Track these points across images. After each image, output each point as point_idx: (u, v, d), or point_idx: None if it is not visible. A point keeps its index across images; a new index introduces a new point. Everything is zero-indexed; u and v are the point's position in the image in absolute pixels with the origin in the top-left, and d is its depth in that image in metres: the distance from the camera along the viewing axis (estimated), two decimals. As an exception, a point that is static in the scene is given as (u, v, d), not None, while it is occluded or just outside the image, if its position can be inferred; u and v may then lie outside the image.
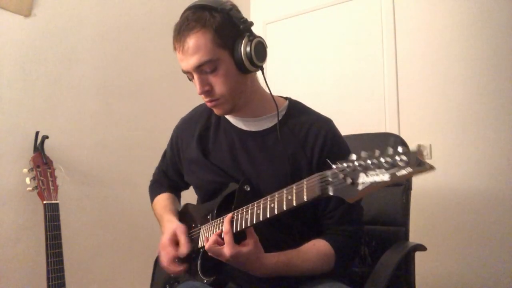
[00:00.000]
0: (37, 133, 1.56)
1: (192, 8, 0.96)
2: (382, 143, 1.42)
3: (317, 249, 0.97)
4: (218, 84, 0.96)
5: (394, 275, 1.00)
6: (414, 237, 1.32)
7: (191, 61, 0.94)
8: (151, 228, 1.27)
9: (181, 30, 0.94)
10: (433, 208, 1.92)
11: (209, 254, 0.90)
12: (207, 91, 0.97)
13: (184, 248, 0.99)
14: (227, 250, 0.86)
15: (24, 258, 1.52)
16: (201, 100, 1.27)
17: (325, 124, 1.05)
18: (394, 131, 2.05)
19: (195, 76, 0.96)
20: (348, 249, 1.00)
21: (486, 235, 1.81)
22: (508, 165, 1.79)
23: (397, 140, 1.36)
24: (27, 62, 1.59)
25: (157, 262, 1.23)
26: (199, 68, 0.94)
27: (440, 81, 1.98)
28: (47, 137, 1.56)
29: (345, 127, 1.17)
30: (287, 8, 2.52)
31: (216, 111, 1.04)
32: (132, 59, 2.01)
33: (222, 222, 0.95)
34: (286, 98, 1.12)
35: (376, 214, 1.30)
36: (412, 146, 0.63)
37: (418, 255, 1.26)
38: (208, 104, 1.02)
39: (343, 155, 0.88)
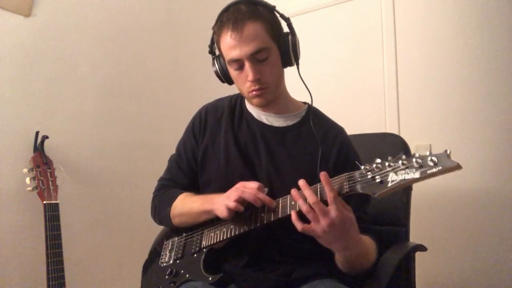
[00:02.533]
0: (37, 133, 1.56)
1: (242, 2, 1.00)
2: (382, 143, 1.43)
3: (368, 238, 0.98)
4: (268, 73, 1.00)
5: (394, 275, 1.00)
6: (414, 237, 1.32)
7: (247, 48, 0.96)
8: (151, 228, 1.27)
9: (239, 19, 0.97)
10: (434, 208, 1.92)
11: (310, 212, 0.80)
12: (258, 79, 1.00)
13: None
14: (333, 209, 0.78)
15: (24, 258, 1.51)
16: (202, 100, 1.28)
17: (341, 132, 1.13)
18: (394, 131, 2.05)
19: (248, 63, 0.98)
20: (379, 245, 1.03)
21: (486, 235, 1.81)
22: (508, 165, 1.79)
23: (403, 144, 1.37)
24: (27, 62, 1.59)
25: (145, 268, 1.22)
26: (253, 56, 0.98)
27: (440, 81, 1.97)
28: (47, 137, 1.56)
29: (345, 127, 1.17)
30: (286, 8, 2.51)
31: (259, 100, 1.04)
32: (132, 59, 2.00)
33: (226, 224, 0.96)
34: (304, 103, 1.18)
35: (376, 214, 1.29)
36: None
37: (418, 255, 1.26)
38: (254, 93, 1.03)
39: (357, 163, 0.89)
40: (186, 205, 1.08)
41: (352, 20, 2.29)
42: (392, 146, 1.37)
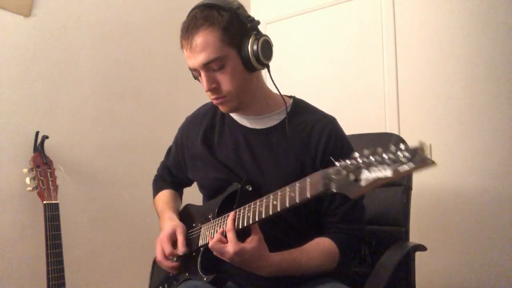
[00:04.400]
0: (37, 133, 1.56)
1: (200, 7, 0.96)
2: (383, 143, 1.43)
3: (321, 247, 0.97)
4: (225, 82, 0.97)
5: (394, 275, 1.00)
6: (414, 237, 1.32)
7: (198, 59, 0.94)
8: (151, 228, 1.27)
9: (189, 28, 0.94)
10: (433, 208, 1.92)
11: (213, 252, 0.90)
12: (214, 88, 0.98)
13: (181, 248, 1.01)
14: (230, 247, 0.86)
15: (24, 258, 1.52)
16: (202, 100, 1.28)
17: (329, 123, 1.06)
18: (394, 131, 2.05)
19: (202, 73, 0.97)
20: (351, 248, 1.01)
21: (486, 235, 1.81)
22: (508, 164, 1.79)
23: (398, 139, 1.36)
24: (27, 62, 1.59)
25: (155, 261, 1.23)
26: (206, 66, 0.95)
27: (440, 81, 1.98)
28: (47, 137, 1.56)
29: (345, 127, 1.16)
30: (287, 8, 2.52)
31: (222, 108, 1.04)
32: (132, 59, 2.01)
33: (224, 221, 0.95)
34: (290, 97, 1.13)
35: (376, 214, 1.30)
36: (414, 143, 0.65)
37: (418, 255, 1.26)
38: (215, 102, 1.02)
39: (347, 154, 0.89)
40: (158, 207, 1.24)
41: (352, 20, 2.29)
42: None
